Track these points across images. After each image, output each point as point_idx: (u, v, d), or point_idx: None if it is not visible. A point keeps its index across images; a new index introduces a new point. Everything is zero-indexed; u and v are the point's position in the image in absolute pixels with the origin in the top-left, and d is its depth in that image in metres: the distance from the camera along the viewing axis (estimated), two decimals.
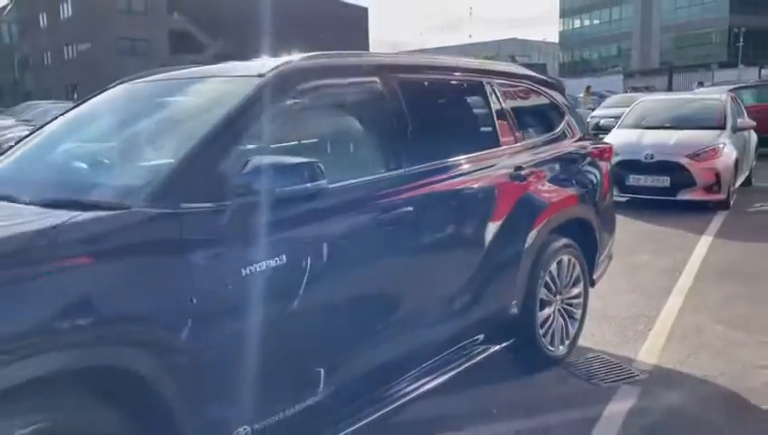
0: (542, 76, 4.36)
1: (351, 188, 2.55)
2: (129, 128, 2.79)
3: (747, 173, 9.88)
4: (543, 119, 4.06)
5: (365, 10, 64.94)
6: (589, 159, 4.18)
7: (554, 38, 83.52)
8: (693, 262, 5.99)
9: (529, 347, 3.62)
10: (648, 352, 4.00)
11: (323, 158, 2.41)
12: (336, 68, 2.84)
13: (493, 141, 3.48)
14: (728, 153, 8.40)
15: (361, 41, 64.22)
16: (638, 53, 64.97)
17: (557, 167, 3.85)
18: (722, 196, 8.21)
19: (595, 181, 4.15)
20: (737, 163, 8.67)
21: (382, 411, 2.69)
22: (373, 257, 2.64)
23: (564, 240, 3.78)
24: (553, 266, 3.71)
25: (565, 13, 74.06)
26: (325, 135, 2.89)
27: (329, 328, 2.48)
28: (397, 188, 2.74)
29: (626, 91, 40.08)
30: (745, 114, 10.20)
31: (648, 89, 36.61)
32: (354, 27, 61.61)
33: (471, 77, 3.58)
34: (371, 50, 75.43)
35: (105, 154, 2.65)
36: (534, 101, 4.04)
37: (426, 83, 3.27)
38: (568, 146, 4.08)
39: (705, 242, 6.72)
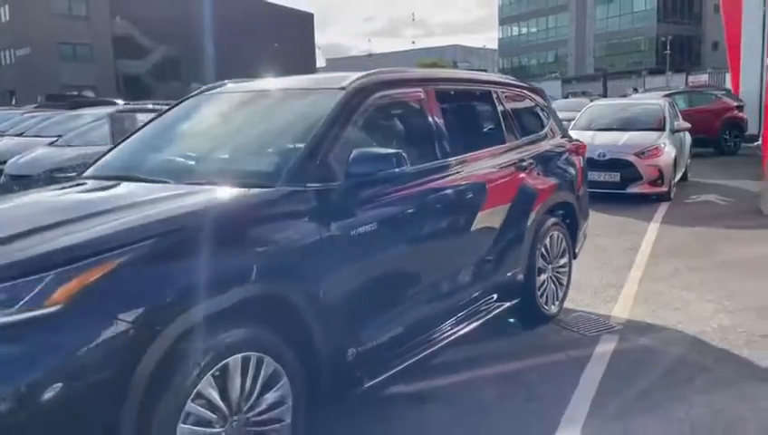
0: (531, 85, 5.21)
1: (419, 171, 3.34)
2: (248, 128, 3.48)
3: (684, 169, 11.12)
4: (534, 120, 4.92)
5: (311, 15, 65.49)
6: (569, 154, 5.07)
7: (493, 45, 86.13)
8: (646, 243, 7.02)
9: (530, 306, 4.46)
10: (620, 311, 4.91)
11: (389, 148, 3.19)
12: (392, 81, 3.60)
13: (500, 138, 4.32)
14: (669, 152, 9.58)
15: (308, 46, 64.73)
16: (573, 59, 67.87)
17: (547, 160, 4.71)
18: (664, 189, 9.36)
19: (575, 172, 5.05)
20: (676, 160, 9.85)
21: (433, 349, 3.47)
22: (432, 223, 3.45)
23: (554, 219, 4.67)
24: (547, 241, 4.58)
25: (504, 21, 76.63)
26: (389, 130, 3.64)
27: (406, 276, 3.26)
28: (444, 173, 3.54)
29: (565, 97, 42.07)
30: (680, 117, 11.46)
31: (585, 94, 38.61)
32: (300, 32, 62.08)
33: (483, 87, 4.42)
34: (317, 54, 75.87)
35: (236, 148, 3.34)
36: (526, 105, 4.89)
37: (452, 92, 4.07)
38: (553, 143, 4.96)
39: (653, 228, 7.79)
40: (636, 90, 30.25)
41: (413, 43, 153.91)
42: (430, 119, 3.67)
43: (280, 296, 2.60)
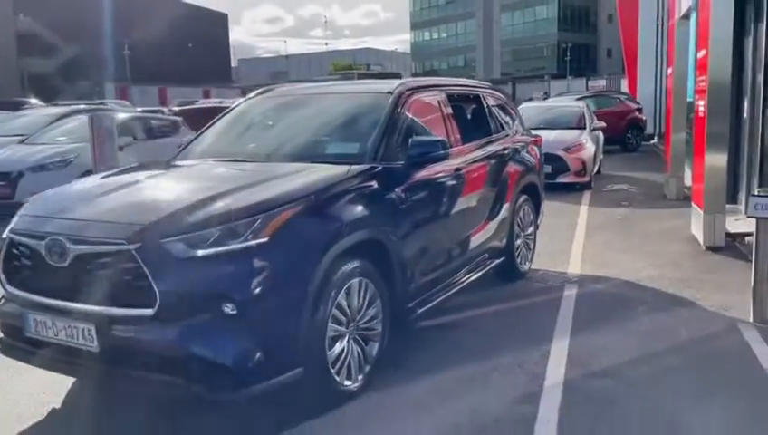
0: (502, 89, 6.46)
1: (449, 154, 4.48)
2: (324, 122, 4.48)
3: (599, 163, 12.85)
4: (507, 118, 6.16)
5: (224, 16, 65.07)
6: (532, 145, 6.36)
7: (403, 48, 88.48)
8: (580, 221, 8.48)
9: (510, 264, 5.68)
10: (573, 268, 6.25)
11: (426, 135, 4.33)
12: (419, 87, 4.71)
13: (488, 132, 5.53)
14: (589, 147, 11.20)
15: (222, 46, 64.22)
16: (481, 64, 71.09)
17: (519, 150, 5.96)
18: (587, 178, 10.97)
19: (536, 159, 6.34)
20: (595, 155, 11.51)
21: (454, 290, 4.62)
22: (457, 194, 4.60)
23: (525, 196, 5.93)
24: (521, 213, 5.84)
25: (415, 25, 79.03)
26: (421, 123, 4.73)
27: (441, 231, 4.39)
28: (463, 157, 4.70)
29: None
30: (595, 118, 13.20)
31: None
32: (214, 32, 61.56)
33: (474, 90, 5.62)
34: (232, 54, 75.16)
35: (322, 136, 4.33)
36: (501, 105, 6.12)
37: (456, 95, 5.24)
38: (520, 137, 6.23)
39: (583, 210, 9.31)
40: (546, 94, 32.64)
41: (326, 45, 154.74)
42: (446, 114, 4.82)
43: (376, 240, 3.66)
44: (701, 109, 6.91)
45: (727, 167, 6.80)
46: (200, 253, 2.94)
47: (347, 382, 3.45)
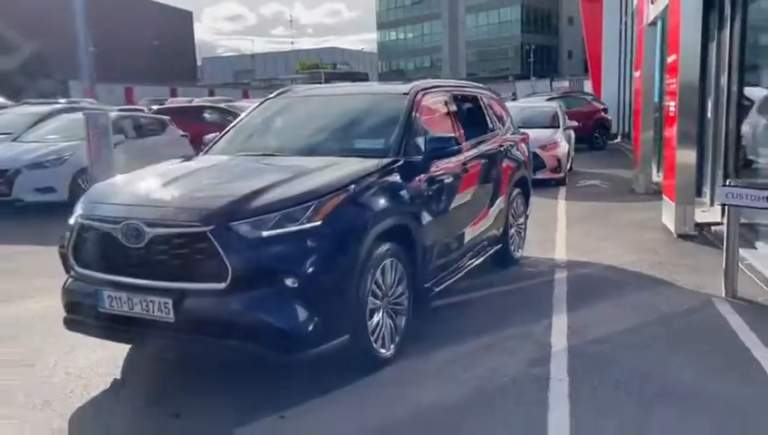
0: (496, 91, 6.98)
1: (459, 149, 4.97)
2: (347, 120, 4.90)
3: (570, 161, 13.54)
4: (501, 117, 6.68)
5: (189, 14, 64.56)
6: (521, 143, 6.90)
7: (369, 47, 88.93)
8: (560, 214, 9.08)
9: (505, 251, 6.21)
10: (559, 255, 6.81)
11: (438, 132, 4.81)
12: (428, 88, 5.18)
13: (485, 130, 6.04)
14: (564, 145, 11.86)
15: (188, 44, 63.70)
16: (447, 64, 72.02)
17: (511, 147, 6.49)
18: (562, 175, 11.62)
19: (525, 156, 6.88)
20: (568, 153, 12.17)
21: (461, 274, 5.12)
22: (466, 184, 5.09)
23: (518, 189, 6.47)
24: (514, 205, 6.37)
25: (382, 25, 79.57)
26: (432, 120, 5.19)
27: (454, 218, 4.87)
28: (469, 152, 5.20)
29: None
30: (566, 118, 13.89)
31: None
32: (180, 30, 61.04)
33: (473, 92, 6.12)
34: (198, 52, 74.49)
35: (347, 133, 4.76)
36: (496, 105, 6.64)
37: (460, 96, 5.73)
38: (511, 135, 6.76)
39: (561, 204, 9.93)
40: (514, 95, 33.52)
41: (292, 43, 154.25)
42: (452, 113, 5.32)
43: (403, 225, 4.12)
44: (671, 109, 7.56)
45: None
46: (264, 234, 3.36)
47: (382, 350, 3.90)
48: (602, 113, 19.03)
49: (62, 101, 23.49)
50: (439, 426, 3.30)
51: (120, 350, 4.27)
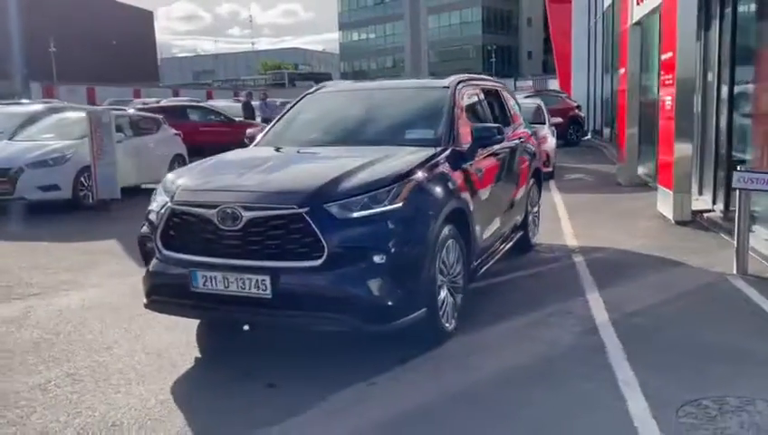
0: (508, 87, 7.35)
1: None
2: (395, 112, 5.18)
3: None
4: (516, 111, 7.06)
5: (150, 13, 63.59)
6: (532, 137, 7.29)
7: (329, 48, 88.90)
8: (559, 205, 9.53)
9: (525, 238, 6.58)
10: (570, 241, 7.22)
11: (476, 122, 5.15)
12: (463, 81, 5.50)
13: (507, 122, 6.39)
14: (552, 140, 12.35)
15: (148, 43, 62.73)
16: (409, 65, 72.63)
17: (527, 139, 6.88)
18: (551, 169, 12.10)
19: (537, 148, 7.28)
20: (554, 148, 12.66)
21: (498, 256, 5.46)
22: (501, 171, 5.43)
23: (533, 179, 6.85)
24: (531, 193, 6.75)
25: (344, 26, 79.75)
26: (471, 111, 5.50)
27: (494, 202, 5.20)
28: (505, 142, 5.55)
29: None
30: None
31: None
32: (140, 30, 60.07)
33: (497, 86, 6.47)
34: (159, 52, 73.37)
35: (398, 124, 5.02)
36: (511, 100, 7.01)
37: (487, 89, 6.07)
38: (524, 129, 7.14)
39: (557, 196, 10.39)
40: None
41: (252, 44, 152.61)
42: (484, 105, 5.66)
43: (460, 208, 4.42)
44: (668, 103, 8.06)
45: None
46: (354, 214, 3.63)
47: (446, 324, 4.21)
48: (576, 110, 19.71)
49: (25, 101, 23.07)
50: (522, 387, 3.61)
51: (187, 333, 4.47)
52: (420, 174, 4.04)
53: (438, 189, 4.13)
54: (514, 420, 3.25)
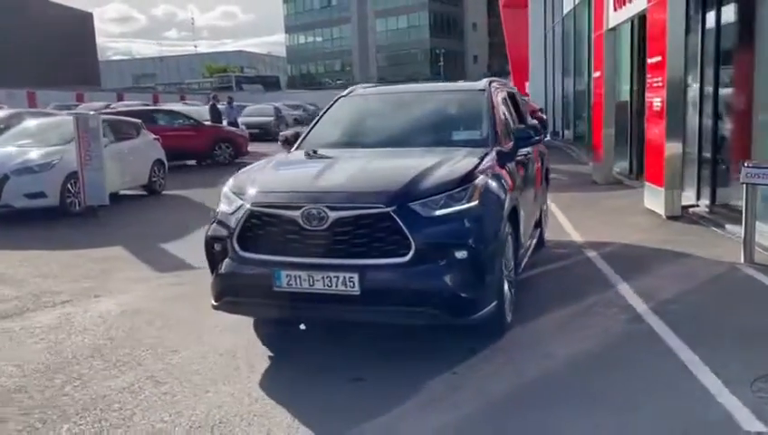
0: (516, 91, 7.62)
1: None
2: (437, 115, 5.34)
3: None
4: (520, 114, 7.33)
5: (90, 15, 61.60)
6: None
7: (273, 50, 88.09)
8: (551, 203, 9.88)
9: (541, 234, 6.86)
10: (576, 237, 7.55)
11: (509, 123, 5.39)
12: (496, 84, 5.73)
13: (523, 123, 6.65)
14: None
15: (89, 46, 60.81)
16: (358, 68, 72.88)
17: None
18: None
19: (545, 148, 7.58)
20: None
21: (529, 253, 5.70)
22: (532, 173, 5.67)
23: (544, 178, 7.15)
24: (544, 192, 7.04)
25: (290, 29, 79.30)
26: (503, 113, 5.70)
27: (530, 200, 5.43)
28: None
29: None
30: None
31: None
32: (80, 32, 58.15)
33: (513, 89, 6.73)
34: (99, 54, 71.08)
35: (443, 126, 5.19)
36: (522, 103, 7.27)
37: (508, 91, 6.31)
38: None
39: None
40: None
41: (195, 47, 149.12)
42: (511, 107, 5.90)
43: (514, 206, 4.63)
44: (656, 104, 8.51)
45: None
46: (437, 213, 3.79)
47: (508, 316, 4.41)
48: (539, 112, 20.23)
49: None
50: (596, 371, 3.83)
51: (246, 335, 4.52)
52: (486, 174, 4.23)
53: (501, 188, 4.33)
54: (603, 401, 3.46)
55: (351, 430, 3.23)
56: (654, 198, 8.72)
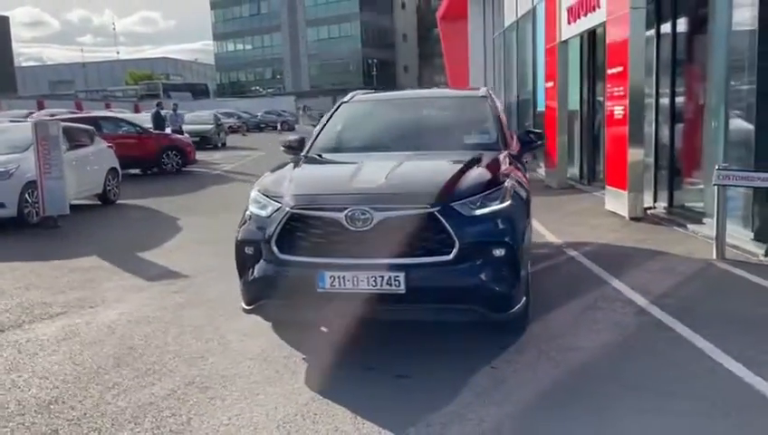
0: None
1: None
2: (447, 120, 5.48)
3: None
4: None
5: (6, 18, 58.53)
6: None
7: (200, 57, 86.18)
8: None
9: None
10: (552, 239, 7.88)
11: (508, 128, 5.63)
12: (488, 92, 5.96)
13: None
14: None
15: (4, 51, 57.77)
16: (290, 76, 72.45)
17: None
18: None
19: None
20: None
21: None
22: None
23: None
24: None
25: (218, 36, 77.89)
26: (504, 118, 5.92)
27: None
28: None
29: (297, 110, 45.65)
30: None
31: (306, 108, 42.95)
32: None
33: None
34: (15, 60, 67.43)
35: (455, 131, 5.33)
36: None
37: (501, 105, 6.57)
38: None
39: None
40: None
41: (117, 53, 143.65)
42: (506, 113, 6.14)
43: (529, 208, 4.85)
44: (617, 113, 9.01)
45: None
46: (476, 212, 3.94)
47: (529, 313, 4.60)
48: None
49: None
50: (625, 360, 4.06)
51: (269, 339, 4.53)
52: (510, 176, 4.42)
53: (522, 189, 4.54)
54: (644, 389, 3.65)
55: (420, 421, 3.31)
56: (616, 201, 9.21)
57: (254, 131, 45.91)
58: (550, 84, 12.66)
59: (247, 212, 4.32)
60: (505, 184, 4.21)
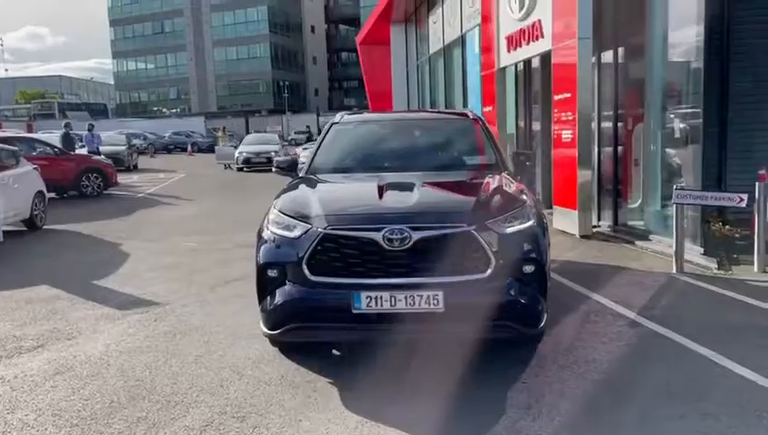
0: None
1: None
2: (443, 141, 5.53)
3: None
4: None
5: None
6: None
7: (96, 76, 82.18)
8: None
9: None
10: None
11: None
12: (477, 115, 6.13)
13: None
14: None
15: None
16: (197, 96, 70.52)
17: None
18: None
19: None
20: None
21: None
22: None
23: None
24: None
25: (118, 54, 74.69)
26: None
27: None
28: None
29: (214, 131, 44.54)
30: None
31: (225, 129, 42.10)
32: None
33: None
34: None
35: (452, 153, 5.39)
36: None
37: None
38: None
39: None
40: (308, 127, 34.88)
41: (6, 71, 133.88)
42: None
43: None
44: (565, 136, 9.48)
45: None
46: (507, 231, 4.02)
47: None
48: None
49: None
50: (644, 368, 4.25)
51: (286, 364, 4.40)
52: (527, 195, 4.57)
53: (538, 206, 4.68)
54: (674, 395, 3.85)
55: None
56: (565, 220, 9.63)
57: (161, 153, 44.38)
58: (488, 109, 13.12)
59: (266, 233, 4.19)
60: (528, 202, 4.34)
